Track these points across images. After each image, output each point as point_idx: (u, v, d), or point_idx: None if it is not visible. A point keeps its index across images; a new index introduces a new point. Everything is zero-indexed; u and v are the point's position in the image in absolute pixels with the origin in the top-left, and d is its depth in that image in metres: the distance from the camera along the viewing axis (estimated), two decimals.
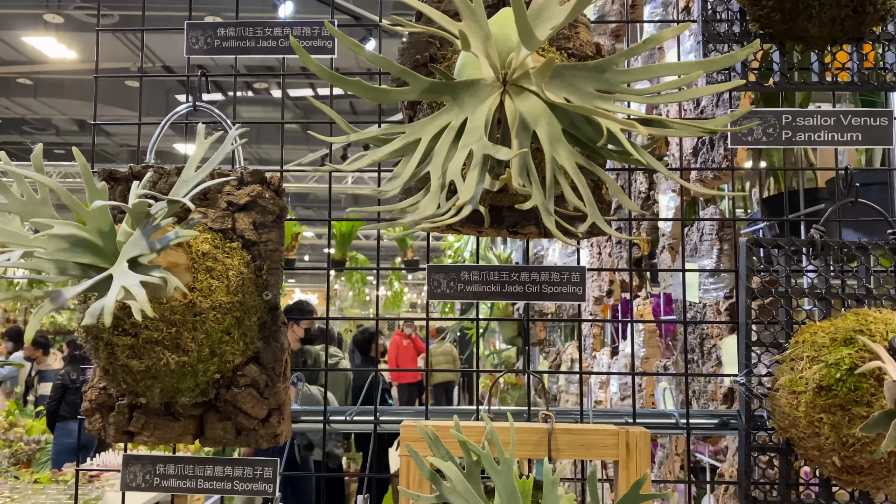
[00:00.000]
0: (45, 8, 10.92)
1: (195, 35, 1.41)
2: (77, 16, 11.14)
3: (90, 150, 6.60)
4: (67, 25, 11.24)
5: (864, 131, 1.33)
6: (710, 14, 1.37)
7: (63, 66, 12.27)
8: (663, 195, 3.02)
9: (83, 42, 11.72)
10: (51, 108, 13.78)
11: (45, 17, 11.01)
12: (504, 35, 1.13)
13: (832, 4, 1.27)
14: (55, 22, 11.09)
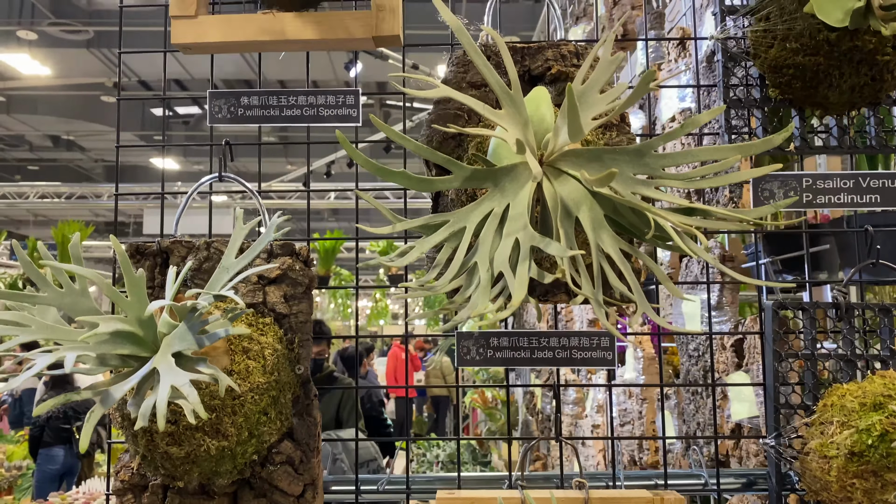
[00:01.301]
0: (17, 25, 10.76)
1: (218, 104, 1.41)
2: (51, 32, 10.98)
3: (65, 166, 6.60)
4: (41, 42, 11.09)
5: (883, 193, 1.36)
6: (730, 80, 1.39)
7: (37, 82, 12.09)
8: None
9: (57, 58, 11.56)
10: (24, 124, 13.56)
11: (19, 33, 10.85)
12: (539, 116, 1.15)
13: (852, 73, 1.30)
14: (28, 39, 10.93)
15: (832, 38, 1.27)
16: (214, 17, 1.37)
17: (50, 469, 6.81)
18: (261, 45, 1.39)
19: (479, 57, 1.05)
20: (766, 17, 1.34)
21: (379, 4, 1.35)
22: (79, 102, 13.11)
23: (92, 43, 11.29)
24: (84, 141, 14.51)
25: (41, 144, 14.78)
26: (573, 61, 1.33)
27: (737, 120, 1.37)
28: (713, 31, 1.39)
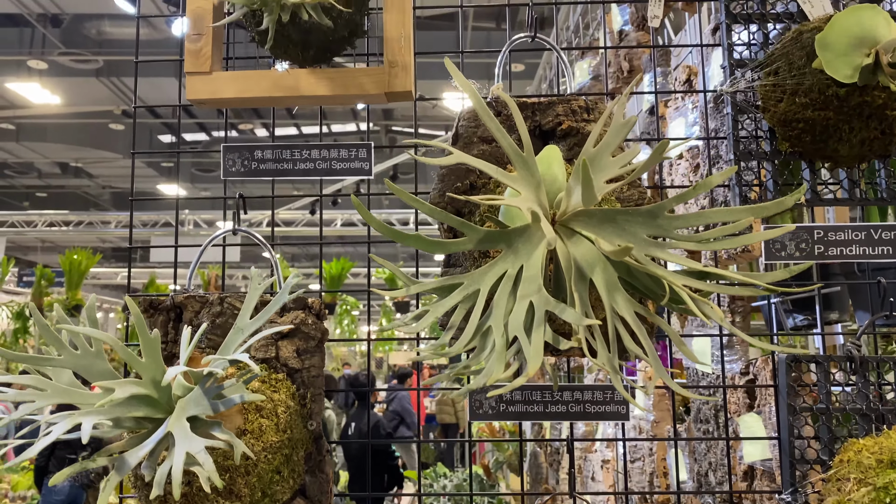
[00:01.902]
0: (28, 55, 10.90)
1: (232, 157, 1.42)
2: (61, 61, 11.13)
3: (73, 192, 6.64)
4: (51, 71, 11.23)
5: (895, 245, 1.36)
6: (740, 131, 1.40)
7: (46, 110, 12.22)
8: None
9: (66, 87, 11.69)
10: (33, 151, 13.68)
11: (30, 63, 10.99)
12: (551, 176, 1.15)
13: (862, 128, 1.31)
14: (39, 68, 11.07)
15: (841, 93, 1.28)
16: (229, 74, 1.39)
17: (55, 500, 6.77)
18: (275, 101, 1.40)
19: (491, 121, 1.06)
20: (775, 72, 1.35)
21: (391, 61, 1.37)
22: (87, 130, 13.23)
23: (101, 72, 11.42)
24: (92, 168, 14.61)
25: (50, 171, 14.89)
26: (584, 116, 1.35)
27: (747, 173, 1.38)
28: (722, 85, 1.40)
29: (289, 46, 1.40)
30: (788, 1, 1.41)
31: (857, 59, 1.26)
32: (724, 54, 1.41)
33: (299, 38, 1.38)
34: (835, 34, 1.28)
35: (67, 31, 10.81)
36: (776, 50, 1.36)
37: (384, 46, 1.38)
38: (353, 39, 1.45)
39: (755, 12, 1.41)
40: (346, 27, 1.41)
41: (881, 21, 1.27)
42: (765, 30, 1.41)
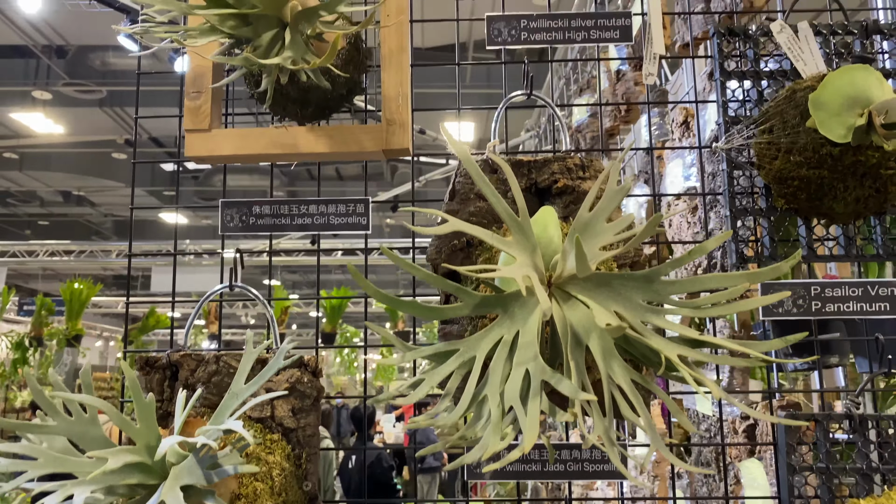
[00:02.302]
0: (33, 85, 11.01)
1: (230, 213, 1.43)
2: (65, 92, 11.23)
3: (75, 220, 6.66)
4: (55, 101, 11.33)
5: (892, 301, 1.36)
6: (735, 187, 1.41)
7: (50, 139, 12.31)
8: None
9: (70, 116, 11.79)
10: (36, 180, 13.75)
11: (34, 93, 11.09)
12: (547, 238, 1.16)
13: (856, 186, 1.31)
14: (43, 98, 11.17)
15: (835, 152, 1.29)
16: (228, 131, 1.40)
17: None
18: (273, 157, 1.42)
19: (486, 186, 1.07)
20: (770, 130, 1.36)
21: (389, 119, 1.38)
22: (90, 159, 13.31)
23: (105, 102, 11.52)
24: (94, 196, 14.67)
25: (52, 200, 14.96)
26: (579, 174, 1.35)
27: (743, 229, 1.38)
28: (717, 140, 1.41)
29: (287, 104, 1.41)
30: (782, 59, 1.43)
31: (850, 119, 1.27)
32: (719, 111, 1.42)
33: (298, 97, 1.39)
34: (828, 94, 1.29)
35: (72, 61, 10.93)
36: (770, 108, 1.37)
37: (382, 105, 1.39)
38: (351, 97, 1.46)
39: (749, 70, 1.43)
40: (345, 85, 1.43)
41: (873, 81, 1.28)
42: (759, 87, 1.42)
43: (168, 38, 1.16)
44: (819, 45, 1.42)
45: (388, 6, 1.41)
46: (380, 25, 1.37)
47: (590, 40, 1.46)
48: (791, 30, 1.41)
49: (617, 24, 1.46)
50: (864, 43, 1.43)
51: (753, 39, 1.44)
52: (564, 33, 1.47)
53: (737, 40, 1.44)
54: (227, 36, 1.23)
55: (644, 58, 1.42)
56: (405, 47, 1.40)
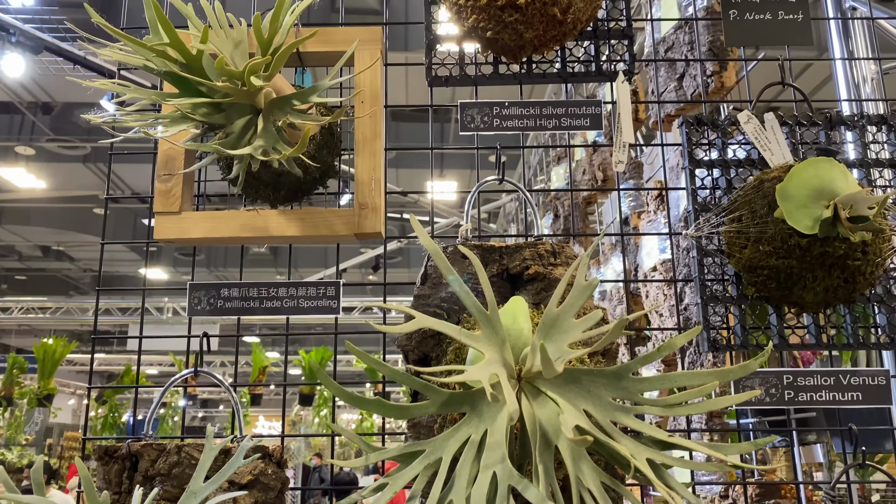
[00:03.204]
0: (17, 140, 11.02)
1: (197, 296, 1.41)
2: (49, 147, 11.23)
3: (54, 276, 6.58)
4: (38, 156, 11.32)
5: (864, 390, 1.35)
6: (706, 274, 1.41)
7: (31, 194, 12.25)
8: (646, 370, 3.04)
9: (52, 172, 11.77)
10: (16, 235, 13.62)
11: (17, 149, 11.09)
12: (517, 329, 1.15)
13: (825, 276, 1.32)
14: (26, 154, 11.16)
15: (803, 243, 1.30)
16: (198, 214, 1.39)
17: None
18: (244, 240, 1.41)
19: (455, 281, 1.06)
20: (739, 219, 1.37)
21: (362, 203, 1.38)
22: (71, 214, 13.24)
23: (88, 158, 11.53)
24: (74, 251, 14.54)
25: (31, 254, 14.79)
26: (550, 260, 1.35)
27: (714, 317, 1.38)
28: (689, 230, 1.42)
29: (260, 188, 1.41)
30: (750, 147, 1.46)
31: (816, 211, 1.29)
32: (689, 198, 1.44)
33: (271, 181, 1.39)
34: (794, 186, 1.31)
35: (57, 118, 10.97)
36: (739, 197, 1.39)
37: (355, 189, 1.39)
38: (325, 179, 1.46)
39: (717, 159, 1.45)
40: (319, 169, 1.43)
41: (838, 174, 1.31)
42: (727, 175, 1.44)
43: (137, 129, 1.16)
44: (785, 135, 1.45)
45: (362, 93, 1.43)
46: (353, 117, 1.38)
47: (561, 127, 1.48)
48: (758, 120, 1.44)
49: (587, 111, 1.48)
50: (828, 134, 1.46)
51: (721, 128, 1.47)
52: (536, 120, 1.49)
53: (705, 129, 1.47)
54: (198, 123, 1.24)
55: (614, 146, 1.44)
56: (379, 133, 1.41)
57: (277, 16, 1.21)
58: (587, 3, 1.44)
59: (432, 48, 1.51)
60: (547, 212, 4.40)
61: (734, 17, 1.51)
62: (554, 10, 1.40)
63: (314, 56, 1.47)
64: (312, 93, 1.25)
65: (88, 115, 1.22)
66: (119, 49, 1.22)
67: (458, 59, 1.52)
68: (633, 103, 2.79)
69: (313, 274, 10.11)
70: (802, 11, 1.52)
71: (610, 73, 1.50)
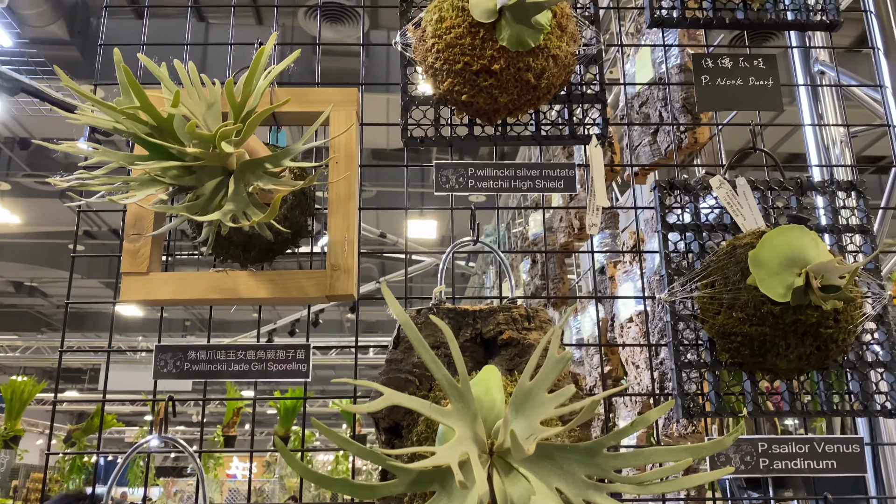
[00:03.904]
0: None
1: (164, 358, 1.37)
2: (25, 183, 11.12)
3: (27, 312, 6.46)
4: (14, 192, 11.20)
5: (839, 458, 1.34)
6: (680, 338, 1.40)
7: (5, 230, 12.08)
8: (623, 421, 3.01)
9: (28, 207, 11.63)
10: None
11: None
12: (490, 401, 1.13)
13: (798, 343, 1.32)
14: (2, 189, 11.04)
15: (776, 311, 1.30)
16: (166, 275, 1.37)
17: None
18: (213, 302, 1.38)
19: (426, 353, 1.04)
20: (712, 285, 1.37)
21: (334, 264, 1.37)
22: (46, 250, 13.06)
23: (64, 193, 11.43)
24: (47, 287, 14.31)
25: (2, 290, 14.53)
26: (524, 325, 1.34)
27: (688, 383, 1.37)
28: (662, 295, 1.42)
29: (230, 248, 1.39)
30: (722, 213, 1.46)
31: (789, 279, 1.30)
32: (662, 262, 1.44)
33: (241, 241, 1.37)
34: (766, 253, 1.32)
35: (34, 153, 10.89)
36: (712, 262, 1.39)
37: (327, 250, 1.38)
38: (298, 240, 1.45)
39: (690, 223, 1.46)
40: (291, 229, 1.41)
41: (809, 242, 1.32)
42: (700, 240, 1.45)
43: (103, 193, 1.14)
44: (757, 200, 1.46)
45: (337, 153, 1.42)
46: (327, 182, 1.37)
47: (535, 189, 1.49)
48: (730, 185, 1.45)
49: (561, 174, 1.49)
50: (799, 199, 1.47)
51: (694, 193, 1.48)
52: (511, 182, 1.49)
53: (677, 193, 1.48)
54: (168, 186, 1.22)
55: (587, 209, 1.45)
56: (353, 194, 1.40)
57: (251, 80, 1.21)
58: (561, 69, 1.46)
59: (408, 109, 1.52)
60: (525, 257, 4.40)
61: (705, 83, 1.54)
62: (528, 76, 1.41)
63: (289, 116, 1.47)
64: (285, 156, 1.24)
65: (53, 179, 1.19)
66: (89, 111, 1.20)
67: (433, 121, 1.52)
68: (607, 165, 2.83)
69: (292, 314, 10.02)
70: (772, 77, 1.55)
71: (583, 137, 1.51)
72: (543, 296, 3.46)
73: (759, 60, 1.56)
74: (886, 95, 1.68)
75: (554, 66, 1.44)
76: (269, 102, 1.45)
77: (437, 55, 1.45)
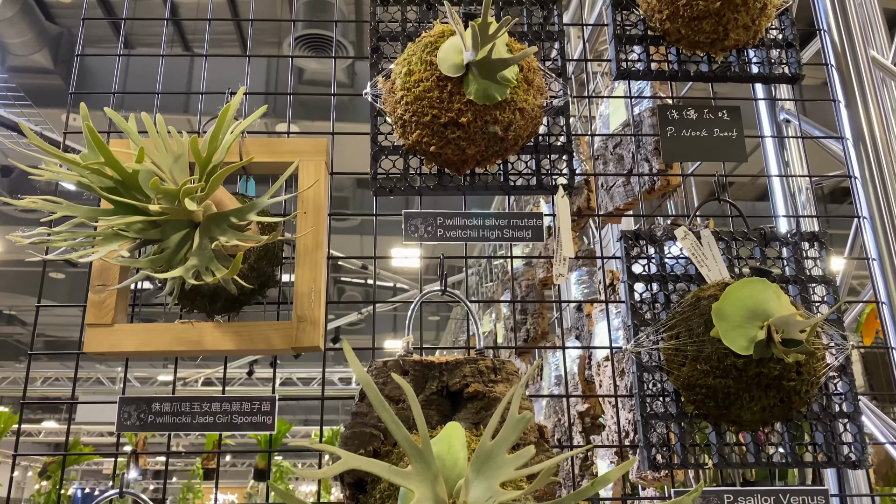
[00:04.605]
0: None
1: (128, 410, 1.36)
2: (6, 210, 11.04)
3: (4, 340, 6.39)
4: None
5: None
6: (645, 390, 1.41)
7: None
8: (601, 460, 3.00)
9: (8, 234, 11.51)
10: None
11: None
12: (452, 459, 1.12)
13: (761, 396, 1.33)
14: None
15: (739, 363, 1.31)
16: (131, 326, 1.36)
17: None
18: (178, 353, 1.37)
19: (385, 412, 1.04)
20: (677, 336, 1.38)
21: (300, 316, 1.37)
22: (26, 278, 12.92)
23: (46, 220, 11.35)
24: (26, 315, 14.13)
25: None
26: (491, 377, 1.34)
27: (654, 435, 1.38)
28: (629, 345, 1.42)
29: (196, 298, 1.39)
30: (687, 264, 1.48)
31: (751, 332, 1.31)
32: (628, 313, 1.45)
33: (207, 292, 1.37)
34: (729, 306, 1.33)
35: (16, 180, 10.82)
36: (677, 314, 1.40)
37: (294, 300, 1.38)
38: (264, 290, 1.45)
39: (656, 274, 1.47)
40: (258, 279, 1.41)
41: (771, 295, 1.33)
42: (665, 290, 1.46)
43: (66, 248, 1.14)
44: (722, 251, 1.48)
45: (306, 204, 1.43)
46: (294, 236, 1.38)
47: (503, 239, 1.50)
48: (694, 236, 1.47)
49: (529, 224, 1.50)
50: (763, 250, 1.49)
51: (659, 243, 1.49)
52: (479, 231, 1.50)
53: (643, 243, 1.49)
54: (132, 239, 1.22)
55: (554, 259, 1.46)
56: (321, 244, 1.41)
57: (217, 135, 1.22)
58: (528, 121, 1.48)
59: (377, 159, 1.53)
60: (506, 290, 4.40)
61: (671, 134, 1.56)
62: (495, 128, 1.43)
63: (259, 166, 1.48)
64: (251, 210, 1.24)
65: (14, 236, 1.19)
66: (55, 165, 1.20)
67: (402, 171, 1.53)
68: (574, 214, 2.86)
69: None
70: (736, 129, 1.58)
71: (550, 187, 1.52)
72: (511, 345, 3.47)
73: (724, 112, 1.59)
74: (847, 147, 1.72)
75: (521, 118, 1.46)
76: (238, 153, 1.46)
77: (406, 107, 1.47)
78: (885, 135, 1.68)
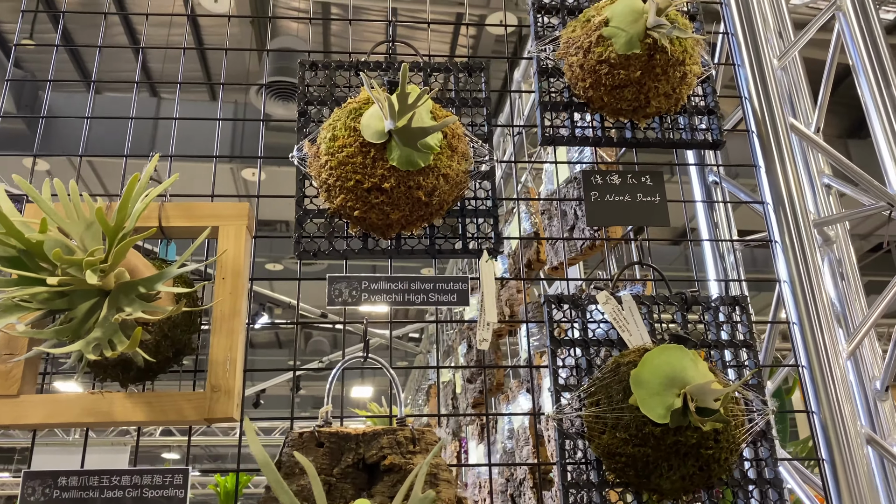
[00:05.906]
0: None
1: (31, 485, 1.31)
2: None
3: None
4: None
5: None
6: (567, 458, 1.40)
7: None
8: None
9: None
10: None
11: None
12: None
13: (680, 465, 1.32)
14: None
15: (657, 432, 1.31)
16: (38, 398, 1.32)
17: None
18: (86, 425, 1.33)
19: (285, 495, 1.01)
20: (597, 403, 1.38)
21: (215, 385, 1.34)
22: None
23: None
24: None
25: None
26: (409, 448, 1.32)
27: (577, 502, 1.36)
28: (550, 412, 1.41)
29: (108, 367, 1.35)
30: (608, 328, 1.48)
31: (668, 400, 1.31)
32: (551, 378, 1.44)
33: (119, 360, 1.33)
34: (647, 373, 1.33)
35: None
36: (597, 380, 1.40)
37: (209, 369, 1.35)
38: (180, 357, 1.42)
39: (578, 339, 1.47)
40: (172, 347, 1.39)
41: (688, 363, 1.34)
42: (588, 356, 1.46)
43: None
44: (644, 316, 1.49)
45: (223, 267, 1.41)
46: (210, 304, 1.36)
47: (429, 303, 1.49)
48: (616, 301, 1.47)
49: (455, 287, 1.50)
50: (684, 315, 1.51)
51: (581, 308, 1.50)
52: (405, 295, 1.49)
53: (566, 308, 1.49)
54: (37, 309, 1.19)
55: (478, 324, 1.45)
56: (238, 310, 1.39)
57: (125, 204, 1.20)
58: (452, 187, 1.49)
59: (302, 223, 1.52)
60: (462, 340, 4.39)
61: (594, 199, 1.58)
62: (419, 194, 1.44)
63: (177, 230, 1.46)
64: (159, 280, 1.22)
65: None
66: None
67: (327, 234, 1.53)
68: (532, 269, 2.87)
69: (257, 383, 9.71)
70: (659, 194, 1.60)
71: (476, 251, 1.53)
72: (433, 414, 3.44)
73: (647, 177, 1.61)
74: (768, 211, 1.75)
75: (445, 183, 1.47)
76: (157, 216, 1.44)
77: (331, 172, 1.47)
78: (802, 200, 1.71)
